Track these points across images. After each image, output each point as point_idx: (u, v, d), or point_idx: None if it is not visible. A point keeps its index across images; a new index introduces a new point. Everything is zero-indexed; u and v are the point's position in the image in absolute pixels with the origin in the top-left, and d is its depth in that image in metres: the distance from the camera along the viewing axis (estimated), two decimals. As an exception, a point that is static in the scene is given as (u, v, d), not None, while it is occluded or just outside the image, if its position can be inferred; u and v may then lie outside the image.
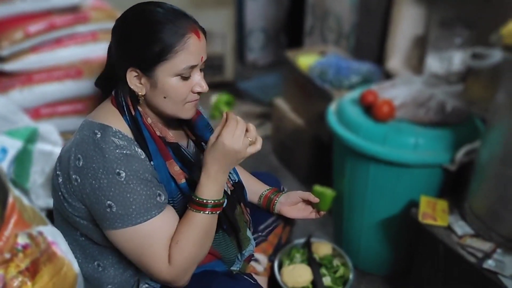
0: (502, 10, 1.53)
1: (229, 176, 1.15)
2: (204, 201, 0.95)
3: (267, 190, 1.29)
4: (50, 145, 1.62)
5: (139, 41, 0.94)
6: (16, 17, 1.77)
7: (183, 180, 1.02)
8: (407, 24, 2.26)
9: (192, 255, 0.96)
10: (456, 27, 1.99)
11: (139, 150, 0.97)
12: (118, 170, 0.92)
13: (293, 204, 1.28)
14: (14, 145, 1.33)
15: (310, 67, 2.24)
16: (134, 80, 0.96)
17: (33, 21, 1.78)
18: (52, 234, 0.86)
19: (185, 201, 1.01)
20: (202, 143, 1.12)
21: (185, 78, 0.96)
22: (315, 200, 1.25)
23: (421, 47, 2.24)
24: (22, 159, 1.46)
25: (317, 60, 2.28)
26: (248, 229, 1.19)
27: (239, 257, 1.16)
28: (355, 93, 1.85)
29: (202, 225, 0.96)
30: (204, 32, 1.00)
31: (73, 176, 0.93)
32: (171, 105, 0.98)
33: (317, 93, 2.18)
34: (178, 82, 0.96)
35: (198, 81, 0.99)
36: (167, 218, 0.97)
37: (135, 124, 0.99)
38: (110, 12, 1.96)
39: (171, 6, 0.98)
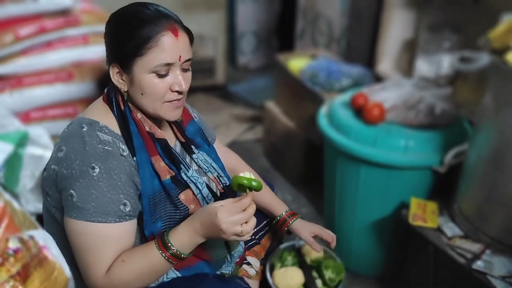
0: (490, 15, 1.55)
1: (219, 179, 1.15)
2: (169, 245, 0.94)
3: (286, 211, 1.30)
4: (41, 149, 1.61)
5: (119, 38, 0.97)
6: (6, 20, 1.76)
7: (168, 177, 1.02)
8: (397, 28, 2.28)
9: (129, 282, 0.96)
10: (445, 31, 2.02)
11: (123, 146, 0.98)
12: (93, 165, 0.93)
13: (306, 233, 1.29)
14: (5, 149, 1.32)
15: (301, 70, 2.25)
16: (116, 76, 0.99)
17: (23, 24, 1.77)
18: (43, 238, 0.86)
19: (167, 199, 1.01)
20: (192, 146, 1.12)
21: (161, 75, 0.97)
22: (328, 238, 1.29)
23: (410, 50, 2.27)
24: (12, 163, 1.45)
25: (308, 63, 2.30)
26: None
27: (229, 258, 1.15)
28: (345, 96, 1.87)
29: (154, 263, 0.95)
30: (189, 33, 1.01)
31: (52, 167, 0.96)
32: (149, 103, 0.99)
33: (308, 96, 2.20)
34: (154, 79, 0.96)
35: (177, 80, 0.98)
36: (124, 231, 0.96)
37: (123, 118, 1.00)
38: (101, 16, 1.96)
39: (156, 7, 0.99)
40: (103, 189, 0.93)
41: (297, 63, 2.33)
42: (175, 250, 0.94)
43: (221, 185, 1.15)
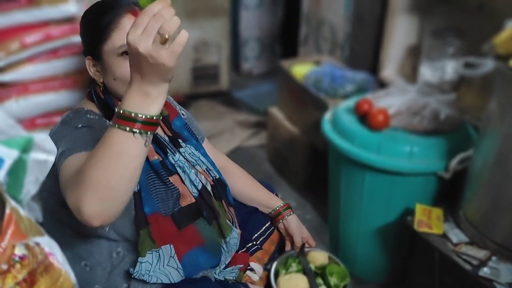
0: (494, 20, 1.55)
1: (208, 172, 1.15)
2: (132, 114, 0.75)
3: (281, 205, 1.31)
4: (45, 154, 1.61)
5: (86, 30, 1.04)
6: (13, 28, 1.78)
7: (156, 157, 1.04)
8: (400, 33, 2.28)
9: (98, 177, 0.80)
10: (449, 36, 2.02)
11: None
12: (78, 125, 0.98)
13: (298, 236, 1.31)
14: (10, 155, 1.31)
15: (305, 76, 2.26)
16: (92, 69, 1.04)
17: (29, 32, 1.78)
18: (49, 245, 0.86)
19: (157, 179, 1.03)
20: (179, 140, 1.14)
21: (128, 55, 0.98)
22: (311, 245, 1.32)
23: (414, 56, 2.27)
24: (17, 170, 1.44)
25: (311, 69, 2.30)
26: (231, 225, 1.17)
27: (225, 246, 1.14)
28: (350, 102, 1.87)
29: (112, 141, 0.78)
30: None
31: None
32: (121, 86, 0.99)
33: (312, 102, 2.20)
34: (122, 61, 0.98)
35: None
36: None
37: (106, 105, 1.04)
38: (106, 23, 1.96)
39: None
40: (84, 133, 0.96)
41: (300, 69, 2.34)
42: (142, 117, 0.75)
43: (211, 178, 1.15)
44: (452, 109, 1.71)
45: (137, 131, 0.76)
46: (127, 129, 0.76)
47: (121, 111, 0.76)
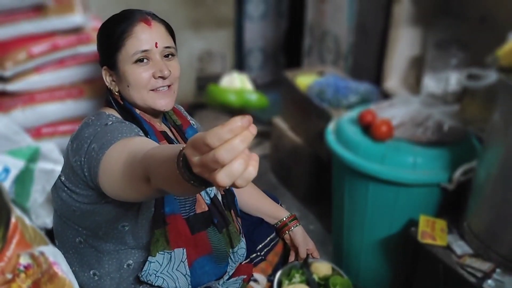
0: (497, 32, 1.56)
1: None
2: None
3: (288, 216, 1.31)
4: (51, 164, 1.62)
5: (102, 41, 1.08)
6: (20, 38, 1.79)
7: None
8: (403, 45, 2.29)
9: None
10: (452, 48, 2.03)
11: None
12: (107, 122, 0.98)
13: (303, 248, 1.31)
14: (16, 165, 1.33)
15: (309, 86, 2.27)
16: (108, 78, 1.08)
17: (36, 42, 1.80)
18: (53, 255, 0.87)
19: None
20: None
21: (141, 63, 1.03)
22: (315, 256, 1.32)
23: (418, 67, 2.28)
24: (23, 179, 1.46)
25: (315, 80, 2.31)
26: (240, 235, 1.18)
27: (232, 257, 1.14)
28: (353, 113, 1.87)
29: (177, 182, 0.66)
30: (165, 24, 1.07)
31: (72, 160, 0.98)
32: (136, 93, 1.04)
33: (316, 112, 2.21)
34: (136, 69, 1.02)
35: (158, 66, 1.03)
36: (148, 140, 0.91)
37: (126, 110, 1.06)
38: (112, 33, 1.98)
39: (135, 9, 1.08)
40: (118, 128, 0.96)
41: (304, 80, 2.35)
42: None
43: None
44: (455, 121, 1.71)
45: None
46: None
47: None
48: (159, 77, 1.04)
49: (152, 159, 0.70)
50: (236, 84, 0.80)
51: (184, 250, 1.04)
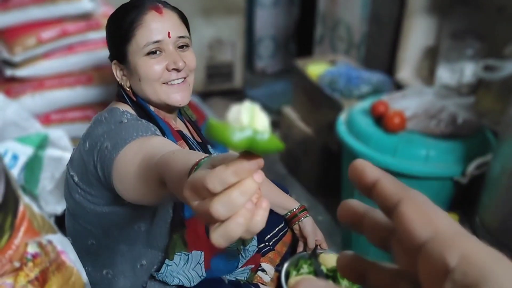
0: (515, 23, 1.51)
1: None
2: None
3: (298, 207, 1.29)
4: (60, 151, 1.63)
5: (111, 33, 1.00)
6: (29, 24, 1.79)
7: None
8: (418, 35, 2.25)
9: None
10: (468, 38, 1.98)
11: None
12: (121, 120, 0.91)
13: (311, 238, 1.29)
14: (25, 152, 1.33)
15: (320, 76, 2.23)
16: (119, 73, 1.00)
17: (46, 28, 1.79)
18: (61, 243, 0.86)
19: None
20: (208, 145, 1.10)
21: (154, 55, 0.95)
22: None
23: (432, 58, 2.24)
24: (32, 165, 1.46)
25: (327, 69, 2.28)
26: None
27: (243, 253, 1.13)
28: (365, 103, 1.84)
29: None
30: (178, 12, 1.00)
31: (86, 160, 0.90)
32: (148, 87, 0.97)
33: (327, 102, 2.18)
34: (148, 61, 0.95)
35: (172, 57, 0.96)
36: (165, 140, 0.84)
37: (140, 107, 0.99)
38: (121, 20, 1.97)
39: None
40: (133, 125, 0.88)
41: (315, 69, 2.32)
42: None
43: None
44: (470, 113, 1.68)
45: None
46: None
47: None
48: (173, 69, 0.97)
49: (166, 167, 0.63)
50: (243, 119, 0.62)
51: (202, 253, 1.02)
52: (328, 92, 2.16)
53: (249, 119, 0.45)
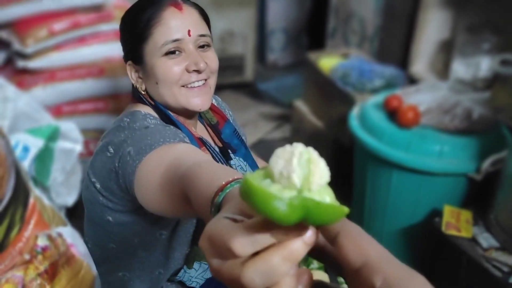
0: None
1: (244, 171, 1.06)
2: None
3: None
4: (71, 143, 1.63)
5: (126, 31, 0.92)
6: (41, 15, 1.79)
7: None
8: (433, 28, 2.21)
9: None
10: (484, 32, 1.94)
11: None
12: (146, 124, 0.84)
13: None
14: (36, 144, 1.33)
15: (332, 69, 2.21)
16: (134, 75, 0.93)
17: (57, 19, 1.79)
18: (71, 236, 0.86)
19: None
20: (229, 150, 1.04)
21: (173, 55, 0.88)
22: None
23: (446, 52, 2.19)
24: (44, 157, 1.46)
25: (339, 62, 2.25)
26: None
27: None
28: (378, 98, 1.82)
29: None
30: (198, 8, 0.93)
31: (108, 166, 0.84)
32: (166, 91, 0.89)
33: (339, 96, 2.15)
34: (166, 61, 0.88)
35: (192, 57, 0.88)
36: (193, 148, 0.77)
37: (160, 110, 0.92)
38: (133, 11, 1.96)
39: None
40: (160, 131, 0.81)
41: (328, 62, 2.29)
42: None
43: None
44: (485, 108, 1.64)
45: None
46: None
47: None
48: (193, 70, 0.89)
49: (191, 184, 0.56)
50: (295, 178, 0.33)
51: None
52: (340, 85, 2.13)
53: (302, 178, 0.34)
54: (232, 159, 1.02)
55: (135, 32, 0.89)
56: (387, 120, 1.67)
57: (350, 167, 1.94)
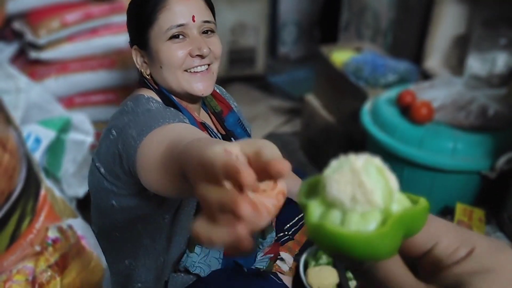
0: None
1: None
2: None
3: None
4: (83, 135, 1.64)
5: (132, 16, 0.95)
6: (54, 6, 1.79)
7: None
8: (448, 22, 2.17)
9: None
10: (501, 27, 1.90)
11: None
12: (148, 107, 0.87)
13: None
14: (47, 135, 1.34)
15: (345, 63, 2.19)
16: (139, 60, 0.96)
17: (70, 11, 1.79)
18: (81, 228, 0.86)
19: None
20: (232, 138, 1.06)
21: (177, 40, 0.91)
22: None
23: (461, 47, 2.16)
24: (55, 149, 1.47)
25: (352, 56, 2.23)
26: (272, 224, 1.16)
27: (261, 246, 1.12)
28: (391, 93, 1.80)
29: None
30: None
31: (112, 150, 0.86)
32: (169, 74, 0.92)
33: (351, 91, 2.13)
34: (171, 46, 0.90)
35: (196, 42, 0.91)
36: (193, 128, 0.80)
37: (163, 94, 0.95)
38: (145, 3, 1.95)
39: None
40: (161, 112, 0.84)
41: (340, 56, 2.27)
42: None
43: None
44: (501, 105, 1.62)
45: None
46: None
47: None
48: (196, 55, 0.92)
49: (189, 156, 0.56)
50: (376, 198, 0.28)
51: None
52: (352, 80, 2.11)
53: (383, 194, 0.28)
54: None
55: (141, 17, 0.91)
56: (400, 116, 1.66)
57: (361, 162, 1.93)
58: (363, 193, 0.29)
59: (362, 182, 0.29)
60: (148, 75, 0.95)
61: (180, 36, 0.91)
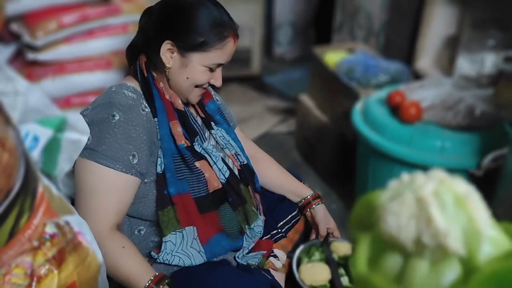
0: (539, 13, 1.48)
1: (237, 156, 1.18)
2: None
3: (312, 194, 1.31)
4: (78, 134, 1.65)
5: (187, 25, 1.03)
6: (51, 8, 1.82)
7: (183, 142, 1.05)
8: (438, 24, 2.21)
9: (107, 260, 0.97)
10: (490, 28, 1.94)
11: (146, 104, 1.05)
12: (115, 113, 1.00)
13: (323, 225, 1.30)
14: (45, 134, 1.36)
15: (338, 64, 2.22)
16: (167, 52, 1.04)
17: (67, 13, 1.82)
18: (78, 224, 0.89)
19: (182, 163, 1.05)
20: (212, 122, 1.18)
21: (211, 71, 1.07)
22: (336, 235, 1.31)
23: (452, 47, 2.20)
24: (51, 147, 1.49)
25: (345, 57, 2.26)
26: (257, 212, 1.18)
27: (248, 233, 1.14)
28: (382, 93, 1.83)
29: (132, 278, 0.99)
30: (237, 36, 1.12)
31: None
32: (187, 86, 1.07)
33: (343, 91, 2.17)
34: (204, 72, 1.06)
35: (218, 76, 1.10)
36: (128, 184, 1.00)
37: (146, 83, 1.07)
38: (141, 5, 1.99)
39: (221, 9, 1.08)
40: (117, 135, 0.99)
41: (333, 57, 2.30)
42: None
43: (239, 163, 1.17)
44: (488, 105, 1.66)
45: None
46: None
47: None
48: (212, 84, 1.10)
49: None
50: (453, 245, 0.20)
51: (195, 228, 1.05)
52: (345, 80, 2.14)
53: (463, 235, 0.19)
54: (213, 128, 1.17)
55: (198, 38, 1.02)
56: (389, 115, 1.69)
57: (354, 161, 1.96)
58: (434, 234, 0.19)
59: (432, 218, 0.19)
60: (168, 68, 1.05)
61: (215, 68, 1.08)
